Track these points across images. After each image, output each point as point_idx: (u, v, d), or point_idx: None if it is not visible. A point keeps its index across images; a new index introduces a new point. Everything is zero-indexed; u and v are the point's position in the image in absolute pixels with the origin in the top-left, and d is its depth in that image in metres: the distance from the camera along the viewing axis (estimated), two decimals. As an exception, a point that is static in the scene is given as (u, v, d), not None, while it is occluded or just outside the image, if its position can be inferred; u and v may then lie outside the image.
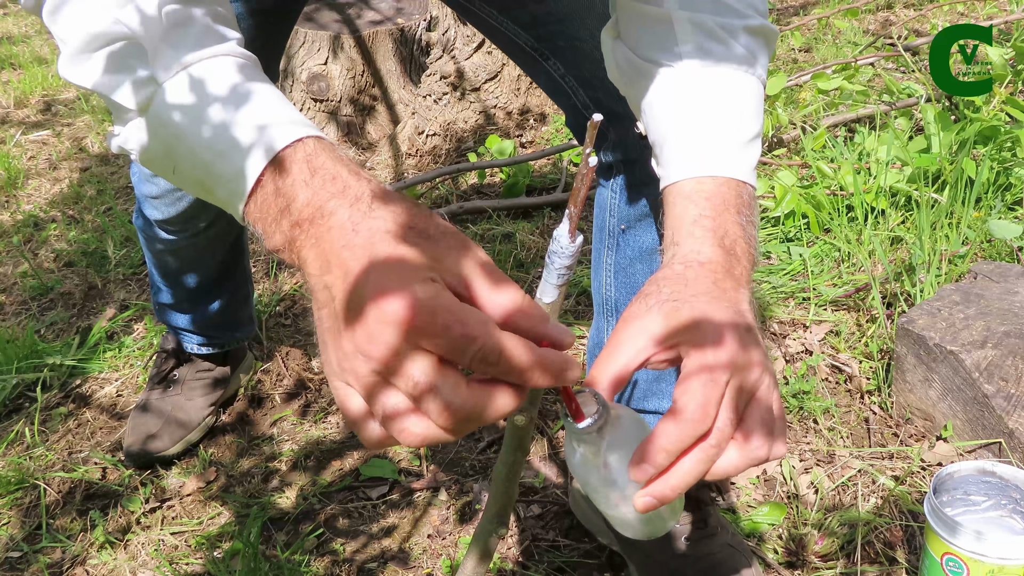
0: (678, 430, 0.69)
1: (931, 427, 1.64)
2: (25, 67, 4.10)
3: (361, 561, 1.49)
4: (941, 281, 1.91)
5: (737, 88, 0.89)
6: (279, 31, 1.39)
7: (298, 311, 2.18)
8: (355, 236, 0.61)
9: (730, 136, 0.86)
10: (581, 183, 0.67)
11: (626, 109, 1.02)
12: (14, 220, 2.74)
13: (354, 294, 0.59)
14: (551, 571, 1.44)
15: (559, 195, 2.57)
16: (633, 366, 0.75)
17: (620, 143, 1.21)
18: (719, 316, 0.74)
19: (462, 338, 0.57)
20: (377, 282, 0.58)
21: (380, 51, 3.04)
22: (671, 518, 0.80)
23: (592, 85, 1.21)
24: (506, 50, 1.29)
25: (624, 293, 1.29)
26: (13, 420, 1.86)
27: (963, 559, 1.18)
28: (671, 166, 0.87)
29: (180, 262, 1.66)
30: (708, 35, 0.88)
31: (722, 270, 0.78)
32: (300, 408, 1.85)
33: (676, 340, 0.74)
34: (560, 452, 1.68)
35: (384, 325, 0.57)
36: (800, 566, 1.42)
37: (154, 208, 1.51)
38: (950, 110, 2.54)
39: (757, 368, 0.72)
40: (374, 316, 0.57)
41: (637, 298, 0.78)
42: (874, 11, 3.83)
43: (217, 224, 1.58)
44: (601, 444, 0.73)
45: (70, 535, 1.58)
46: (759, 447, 0.72)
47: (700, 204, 0.83)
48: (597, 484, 0.76)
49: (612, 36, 0.97)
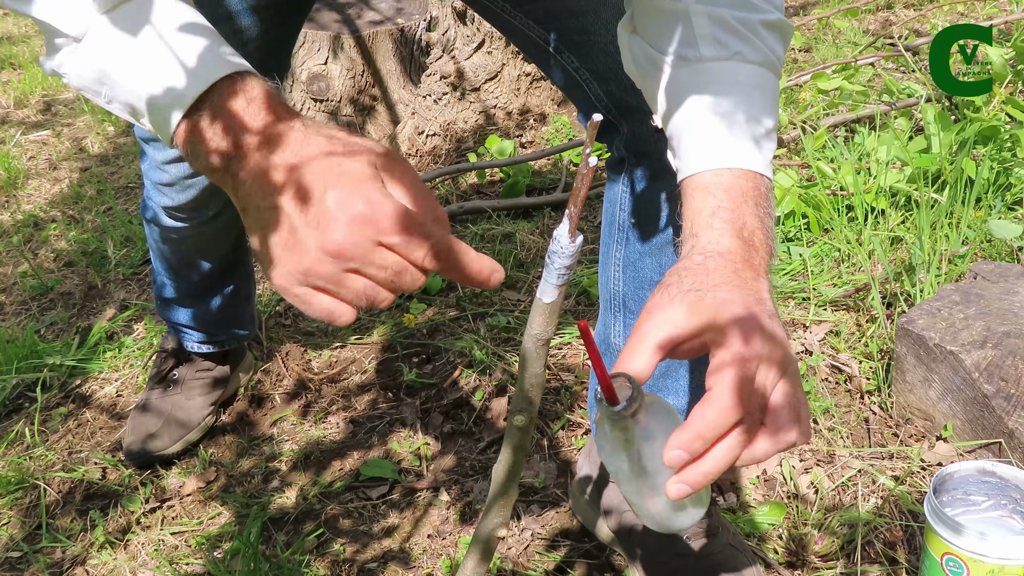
0: (714, 417, 0.70)
1: (931, 427, 1.64)
2: (25, 67, 4.10)
3: (361, 561, 1.49)
4: (941, 281, 1.91)
5: (754, 82, 0.90)
6: (292, 22, 1.40)
7: (298, 311, 2.18)
8: (301, 158, 0.69)
9: (748, 129, 0.87)
10: (581, 183, 0.67)
11: (640, 102, 1.03)
12: (14, 220, 2.74)
13: (319, 210, 0.67)
14: (551, 571, 1.44)
15: (559, 195, 2.57)
16: (659, 356, 0.76)
17: (633, 136, 1.22)
18: (742, 304, 0.75)
19: (420, 236, 0.68)
20: (340, 197, 0.67)
21: (380, 51, 3.04)
22: (697, 508, 0.80)
23: (606, 79, 1.21)
24: (520, 45, 1.30)
25: (632, 288, 1.29)
26: (13, 420, 1.87)
27: (963, 559, 1.18)
28: (689, 158, 0.88)
29: (186, 253, 1.67)
30: (726, 29, 0.90)
31: (741, 260, 0.80)
32: (300, 408, 1.86)
33: (701, 329, 0.75)
34: (560, 452, 1.68)
35: (356, 232, 0.67)
36: (800, 566, 1.42)
37: (164, 195, 1.52)
38: (950, 110, 2.54)
39: (782, 354, 0.74)
40: (345, 225, 0.67)
41: (659, 289, 0.79)
42: (874, 11, 3.83)
43: (225, 213, 1.59)
44: (635, 429, 0.74)
45: (70, 535, 1.58)
46: (788, 432, 0.74)
47: (718, 196, 0.84)
48: (627, 472, 0.76)
49: (628, 30, 0.98)
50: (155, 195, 1.54)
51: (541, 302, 0.74)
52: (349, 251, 0.67)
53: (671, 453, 0.71)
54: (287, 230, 0.69)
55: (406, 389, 1.88)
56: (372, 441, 1.75)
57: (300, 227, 0.68)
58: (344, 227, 0.67)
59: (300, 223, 0.68)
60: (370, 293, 0.70)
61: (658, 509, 0.77)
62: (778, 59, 0.92)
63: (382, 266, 0.68)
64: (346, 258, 0.68)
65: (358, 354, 2.00)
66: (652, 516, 0.79)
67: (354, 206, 0.67)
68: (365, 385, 1.91)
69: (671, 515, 0.79)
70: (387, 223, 0.68)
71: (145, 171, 1.53)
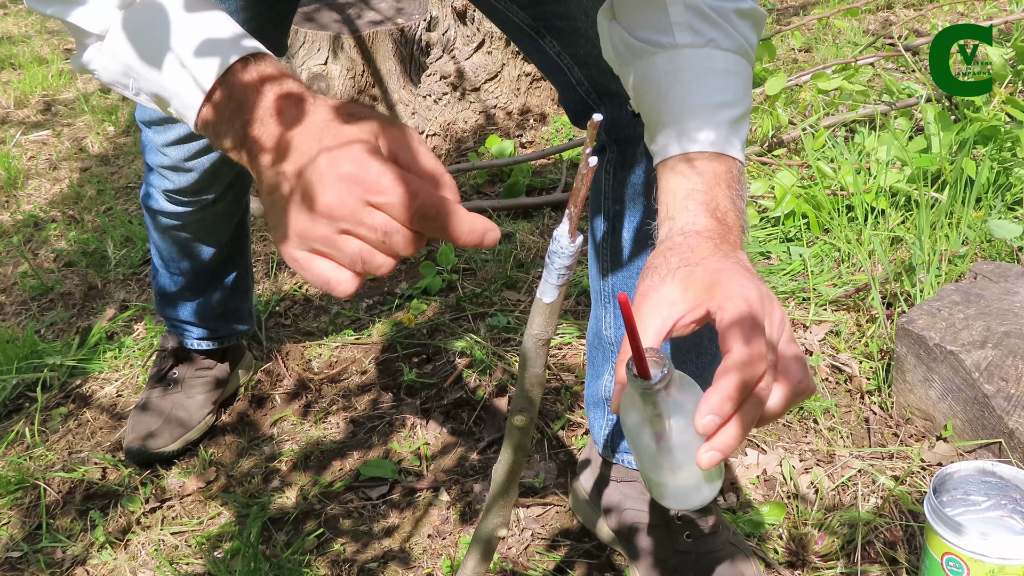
0: (739, 376, 0.72)
1: (931, 427, 1.64)
2: (25, 67, 4.10)
3: (361, 561, 1.49)
4: (941, 281, 1.91)
5: (728, 68, 0.93)
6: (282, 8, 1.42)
7: (298, 311, 2.18)
8: (303, 125, 0.71)
9: (721, 114, 0.91)
10: (581, 183, 0.67)
11: (619, 88, 1.06)
12: (14, 220, 2.74)
13: (311, 170, 0.69)
14: (551, 571, 1.44)
15: (559, 195, 2.57)
16: (662, 335, 0.78)
17: (613, 122, 1.24)
18: (733, 271, 0.78)
19: (407, 194, 0.68)
20: (331, 157, 0.69)
21: (380, 51, 3.04)
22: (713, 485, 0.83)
23: (587, 63, 1.24)
24: (504, 29, 1.33)
25: (621, 277, 1.30)
26: (13, 420, 1.87)
27: (963, 559, 1.18)
28: (663, 143, 0.91)
29: (186, 241, 1.67)
30: (700, 17, 0.93)
31: (719, 236, 0.83)
32: (300, 408, 1.86)
33: (700, 300, 0.78)
34: (560, 452, 1.68)
35: (344, 190, 0.68)
36: (801, 566, 1.42)
37: (165, 178, 1.53)
38: (950, 110, 2.54)
39: (780, 311, 0.77)
40: (334, 184, 0.68)
41: (647, 272, 0.82)
42: (874, 11, 3.83)
43: (225, 199, 1.61)
44: (667, 402, 0.76)
45: (70, 535, 1.58)
46: (801, 380, 0.77)
47: (692, 179, 0.88)
48: (651, 448, 0.78)
49: (608, 17, 1.02)
50: (156, 179, 1.56)
51: (541, 302, 0.74)
52: (338, 210, 0.68)
53: (704, 419, 0.72)
54: (287, 194, 0.71)
55: (406, 389, 1.88)
56: (372, 441, 1.75)
57: (297, 190, 0.70)
58: (333, 186, 0.68)
59: (297, 186, 0.70)
60: (365, 256, 0.70)
61: (680, 484, 0.80)
62: (751, 46, 0.96)
63: (372, 226, 0.68)
64: (336, 217, 0.68)
65: (358, 354, 2.00)
66: (673, 494, 0.81)
67: (343, 165, 0.68)
68: (365, 385, 1.91)
69: (691, 491, 0.81)
70: (373, 181, 0.68)
71: (146, 155, 1.55)
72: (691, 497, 0.82)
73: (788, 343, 0.77)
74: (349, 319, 2.12)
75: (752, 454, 1.64)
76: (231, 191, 1.61)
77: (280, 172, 0.71)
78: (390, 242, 0.69)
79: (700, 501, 0.82)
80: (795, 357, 0.76)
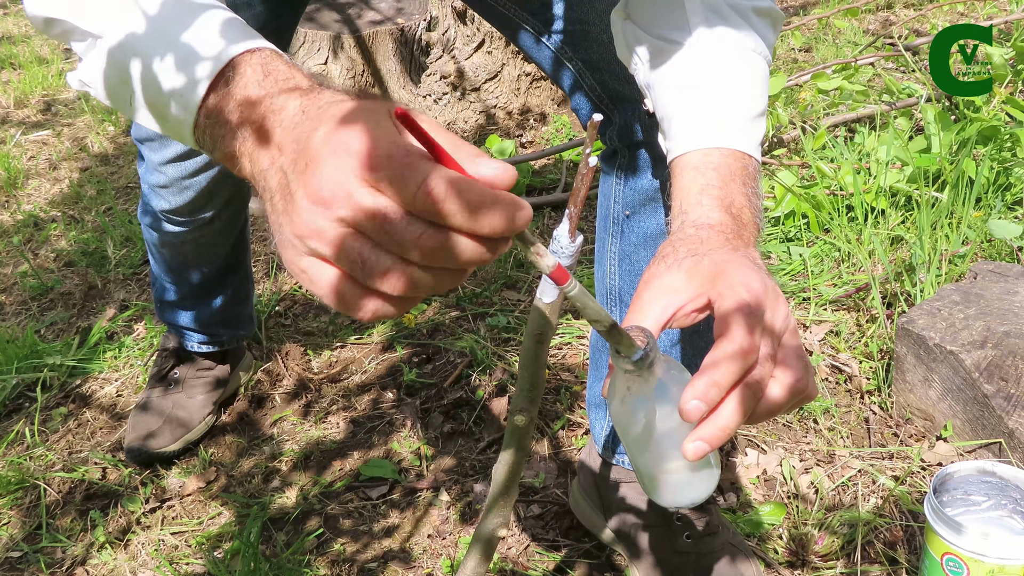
0: (727, 359, 0.68)
1: (931, 427, 1.64)
2: (25, 67, 4.10)
3: (361, 561, 1.49)
4: (941, 281, 1.91)
5: (745, 66, 0.92)
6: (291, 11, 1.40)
7: (298, 311, 2.18)
8: (305, 118, 0.61)
9: (737, 111, 0.89)
10: (581, 183, 0.67)
11: (632, 91, 1.05)
12: (14, 220, 2.74)
13: (304, 151, 0.58)
14: (551, 571, 1.44)
15: (559, 195, 2.57)
16: (662, 321, 0.76)
17: (625, 127, 1.23)
18: (739, 262, 0.75)
19: (407, 168, 0.54)
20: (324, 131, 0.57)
21: (380, 51, 3.04)
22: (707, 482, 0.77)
23: (599, 68, 1.23)
24: (512, 37, 1.31)
25: (628, 281, 1.30)
26: (13, 420, 1.87)
27: (963, 559, 1.18)
28: (679, 139, 0.89)
29: (185, 257, 1.67)
30: (718, 14, 0.92)
31: (731, 231, 0.81)
32: (300, 408, 1.86)
33: (703, 289, 0.75)
34: (560, 452, 1.68)
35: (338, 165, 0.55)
36: (801, 566, 1.42)
37: (161, 198, 1.52)
38: (950, 110, 2.54)
39: (785, 306, 0.74)
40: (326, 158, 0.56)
41: (655, 261, 0.80)
42: (874, 11, 3.83)
43: (222, 216, 1.60)
44: (652, 385, 0.72)
45: (70, 535, 1.58)
46: (800, 379, 0.71)
47: (707, 174, 0.85)
48: (637, 436, 0.75)
49: (622, 17, 1.01)
50: (153, 199, 1.54)
51: (541, 302, 0.74)
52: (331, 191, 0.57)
53: (688, 405, 0.67)
54: (284, 189, 0.60)
55: (406, 389, 1.88)
56: (372, 441, 1.75)
57: (292, 180, 0.59)
58: (327, 162, 0.56)
59: (292, 176, 0.59)
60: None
61: (669, 477, 0.76)
62: (768, 45, 0.94)
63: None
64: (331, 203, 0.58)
65: (358, 354, 2.00)
66: (663, 487, 0.77)
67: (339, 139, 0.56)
68: (365, 385, 1.91)
69: (683, 486, 0.77)
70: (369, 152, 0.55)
71: (142, 175, 1.53)
72: (683, 492, 0.77)
73: (794, 340, 0.73)
74: (349, 319, 2.12)
75: (752, 454, 1.64)
76: (228, 208, 1.60)
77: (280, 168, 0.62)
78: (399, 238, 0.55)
79: (693, 497, 0.78)
80: (796, 355, 0.73)
